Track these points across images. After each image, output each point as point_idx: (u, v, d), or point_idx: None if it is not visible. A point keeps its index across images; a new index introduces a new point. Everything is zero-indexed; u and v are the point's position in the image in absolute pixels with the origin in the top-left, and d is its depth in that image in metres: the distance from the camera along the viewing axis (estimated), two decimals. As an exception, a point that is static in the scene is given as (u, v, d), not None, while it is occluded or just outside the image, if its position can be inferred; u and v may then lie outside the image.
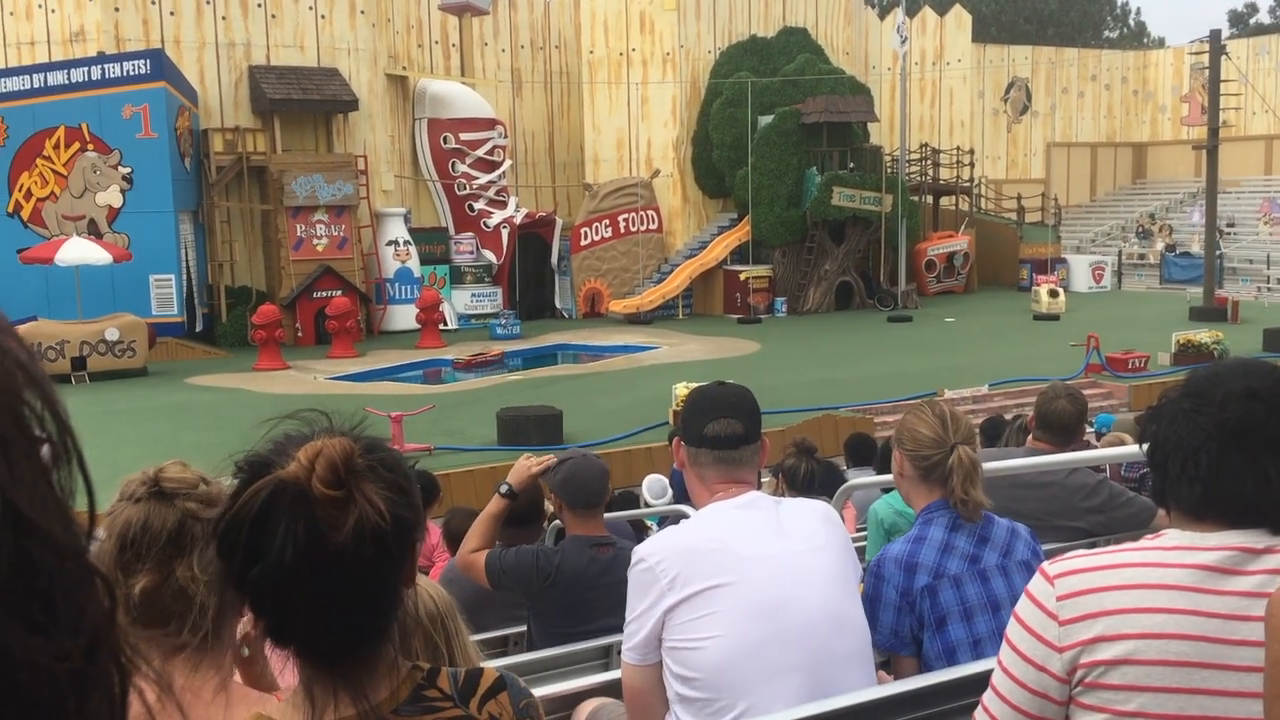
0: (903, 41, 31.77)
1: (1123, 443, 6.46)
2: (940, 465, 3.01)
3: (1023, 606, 1.72)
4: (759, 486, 2.82)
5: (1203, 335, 20.81)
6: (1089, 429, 7.20)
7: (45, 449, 0.54)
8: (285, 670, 1.47)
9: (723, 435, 2.72)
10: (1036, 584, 1.71)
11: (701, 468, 2.75)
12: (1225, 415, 1.62)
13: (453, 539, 5.81)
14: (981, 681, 1.84)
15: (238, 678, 1.94)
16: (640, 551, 2.66)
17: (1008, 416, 10.45)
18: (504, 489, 4.04)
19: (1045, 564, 1.73)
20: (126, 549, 1.81)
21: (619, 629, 3.75)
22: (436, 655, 2.27)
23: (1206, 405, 1.64)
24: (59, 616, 0.53)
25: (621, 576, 3.93)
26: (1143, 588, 1.62)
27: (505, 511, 4.07)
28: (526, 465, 4.03)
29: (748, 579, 2.56)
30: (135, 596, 1.81)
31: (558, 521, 4.51)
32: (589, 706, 3.03)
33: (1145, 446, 1.75)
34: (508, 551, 4.00)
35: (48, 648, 0.52)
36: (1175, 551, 1.64)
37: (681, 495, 8.78)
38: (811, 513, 2.77)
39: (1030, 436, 5.00)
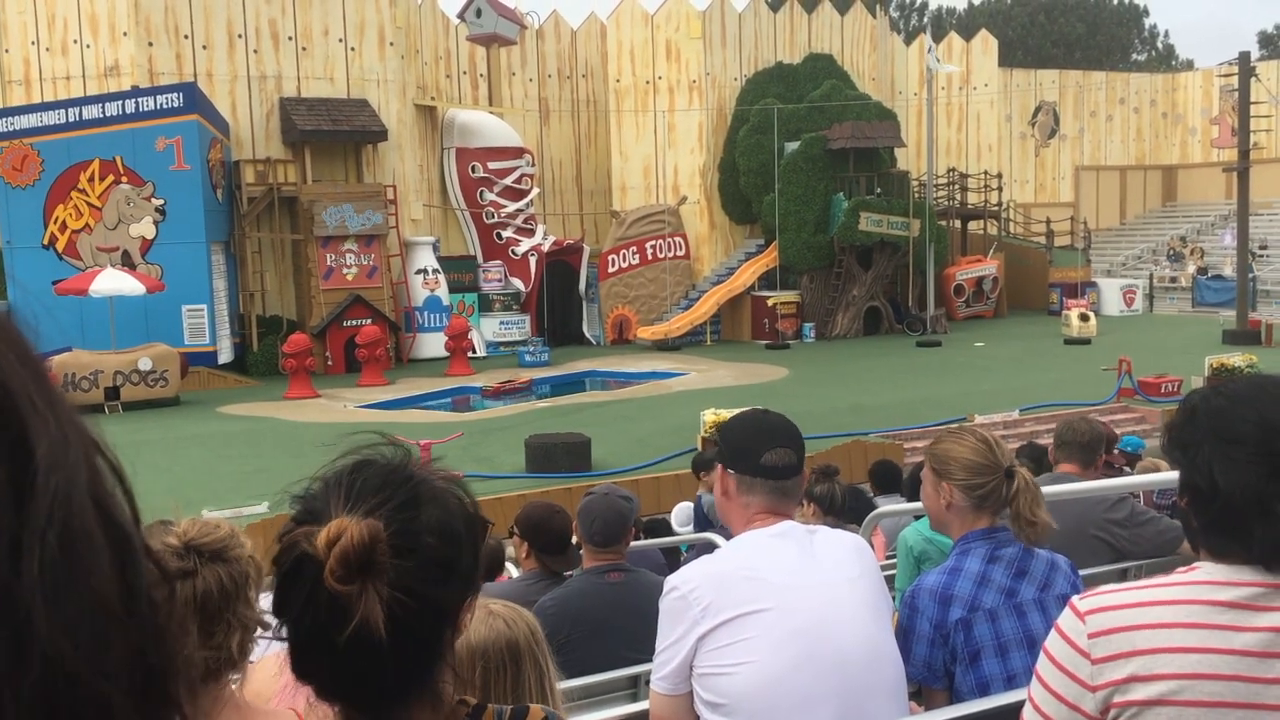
0: (938, 60, 31.91)
1: (1157, 469, 6.41)
2: (996, 492, 2.95)
3: (1053, 642, 1.69)
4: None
5: (1236, 359, 20.56)
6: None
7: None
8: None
9: (780, 466, 2.68)
10: (1067, 619, 1.68)
11: (750, 496, 2.69)
12: None
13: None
14: (1012, 713, 1.81)
15: (247, 692, 1.97)
16: (673, 580, 2.64)
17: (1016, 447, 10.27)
18: None
19: (1075, 599, 1.70)
20: (213, 616, 1.86)
21: (642, 657, 3.75)
22: (543, 679, 2.29)
23: (1267, 456, 1.57)
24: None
25: (637, 600, 3.96)
26: (1175, 626, 1.59)
27: None
28: None
29: (781, 606, 2.53)
30: (234, 651, 1.87)
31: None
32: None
33: (1187, 495, 1.67)
34: None
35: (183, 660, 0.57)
36: (1208, 587, 1.61)
37: (702, 523, 8.75)
38: (844, 544, 2.74)
39: (1055, 463, 5.11)
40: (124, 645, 0.53)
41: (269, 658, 2.61)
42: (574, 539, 4.66)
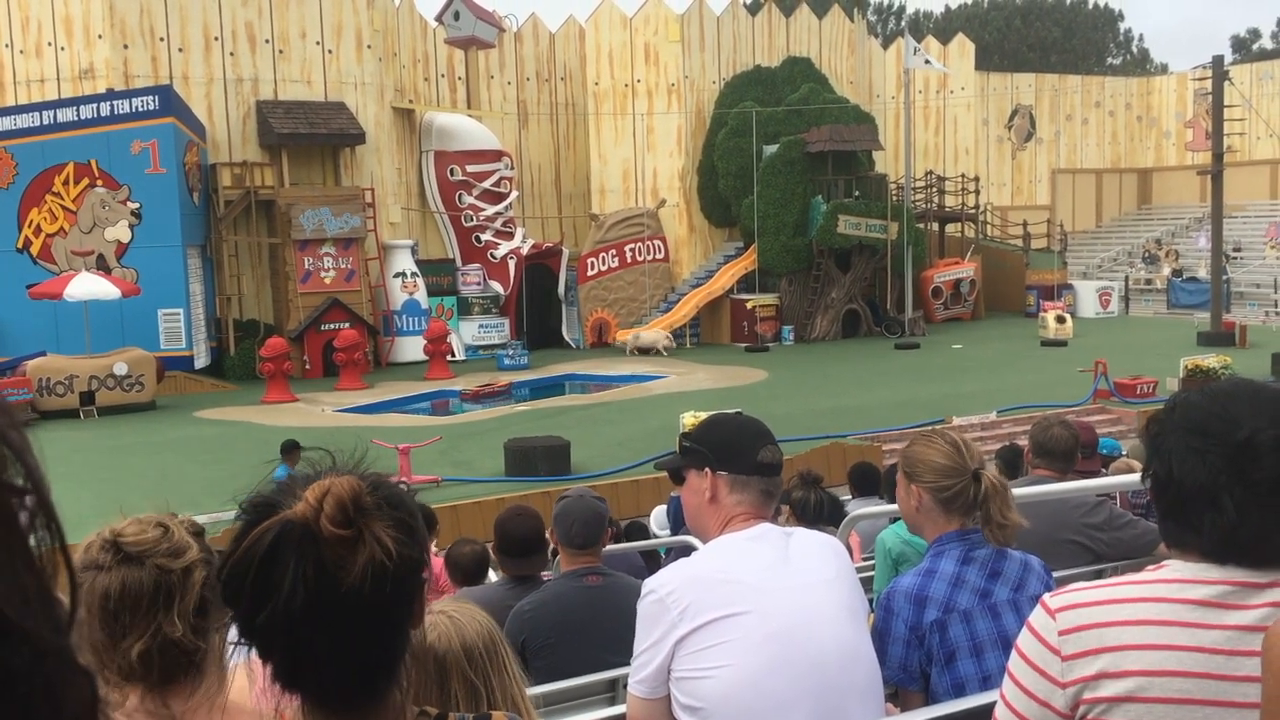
0: (913, 52, 32.26)
1: (1131, 469, 6.45)
2: (963, 494, 2.95)
3: (1024, 640, 1.70)
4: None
5: (1211, 360, 20.73)
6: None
7: (24, 516, 0.52)
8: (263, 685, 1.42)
9: (775, 463, 2.69)
10: (1038, 617, 1.69)
11: (743, 494, 2.67)
12: (1258, 473, 1.56)
13: (453, 567, 5.82)
14: (987, 714, 1.82)
15: (232, 694, 1.94)
16: (650, 584, 2.62)
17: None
18: None
19: (1046, 596, 1.71)
20: (111, 618, 1.81)
21: (621, 660, 3.75)
22: (475, 694, 2.21)
23: (1222, 447, 1.58)
24: (36, 718, 0.51)
25: (615, 603, 3.95)
26: (1144, 624, 1.60)
27: None
28: None
29: (759, 609, 2.53)
30: (134, 662, 1.81)
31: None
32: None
33: (1150, 483, 1.70)
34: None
35: None
36: (1176, 585, 1.62)
37: (678, 527, 8.75)
38: (820, 545, 2.74)
39: (1031, 467, 5.13)
40: None
41: (239, 666, 2.59)
42: (550, 544, 4.65)
